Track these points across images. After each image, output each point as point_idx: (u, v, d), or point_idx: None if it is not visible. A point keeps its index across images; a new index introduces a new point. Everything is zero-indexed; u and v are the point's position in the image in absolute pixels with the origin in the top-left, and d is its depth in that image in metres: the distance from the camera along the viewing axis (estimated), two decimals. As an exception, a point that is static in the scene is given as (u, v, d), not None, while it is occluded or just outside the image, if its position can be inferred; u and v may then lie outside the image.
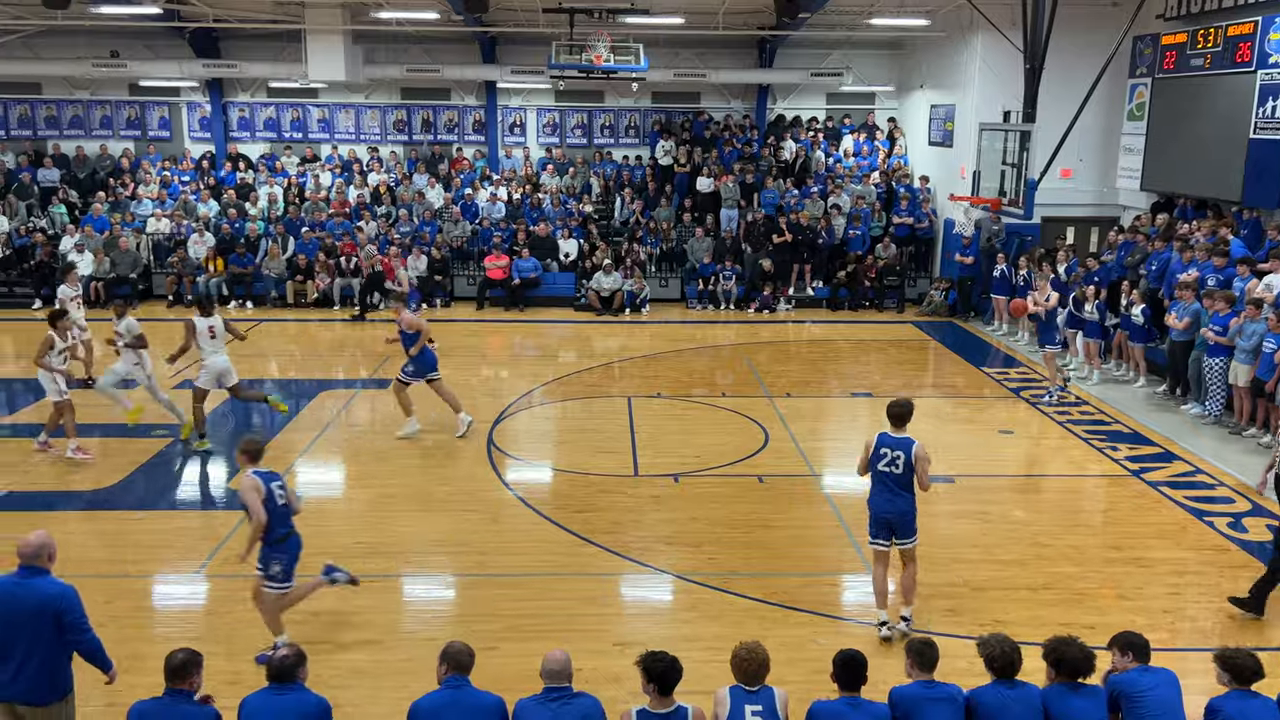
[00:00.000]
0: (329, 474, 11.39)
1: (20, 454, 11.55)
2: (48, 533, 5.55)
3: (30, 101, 23.48)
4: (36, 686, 5.29)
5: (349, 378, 15.37)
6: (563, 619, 8.00)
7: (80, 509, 9.93)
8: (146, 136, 23.75)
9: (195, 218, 21.31)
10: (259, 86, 23.59)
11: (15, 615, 5.23)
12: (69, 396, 11.64)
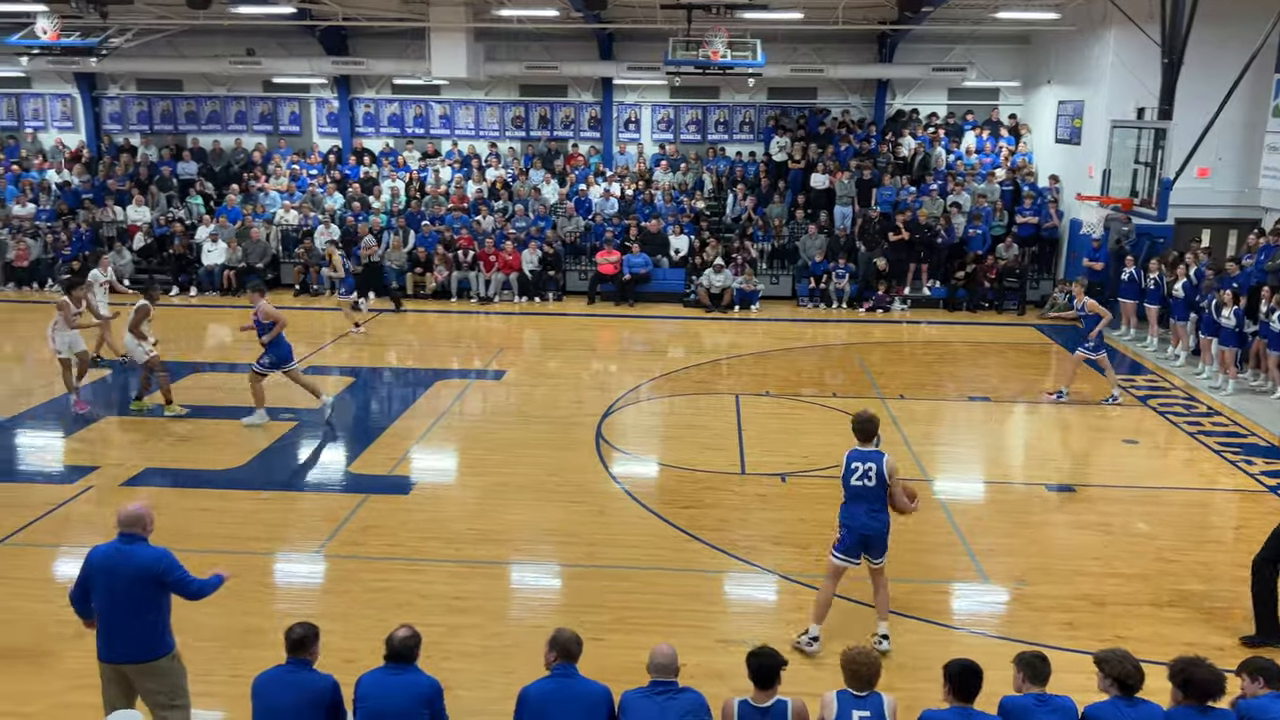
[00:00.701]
0: (443, 461, 11.68)
1: (157, 431, 12.19)
2: (146, 504, 5.83)
3: (172, 98, 24.73)
4: (140, 646, 5.60)
5: (464, 368, 15.71)
6: (668, 613, 8.03)
7: (211, 487, 10.40)
8: (278, 131, 24.74)
9: (321, 210, 22.12)
10: (384, 83, 24.32)
11: (119, 580, 5.54)
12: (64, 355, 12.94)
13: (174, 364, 15.47)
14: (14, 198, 22.66)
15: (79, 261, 20.97)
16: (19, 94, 24.97)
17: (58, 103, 24.99)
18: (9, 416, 12.82)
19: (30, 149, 24.63)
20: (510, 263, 20.77)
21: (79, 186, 23.09)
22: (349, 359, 16.19)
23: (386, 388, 14.98)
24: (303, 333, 17.96)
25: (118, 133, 24.94)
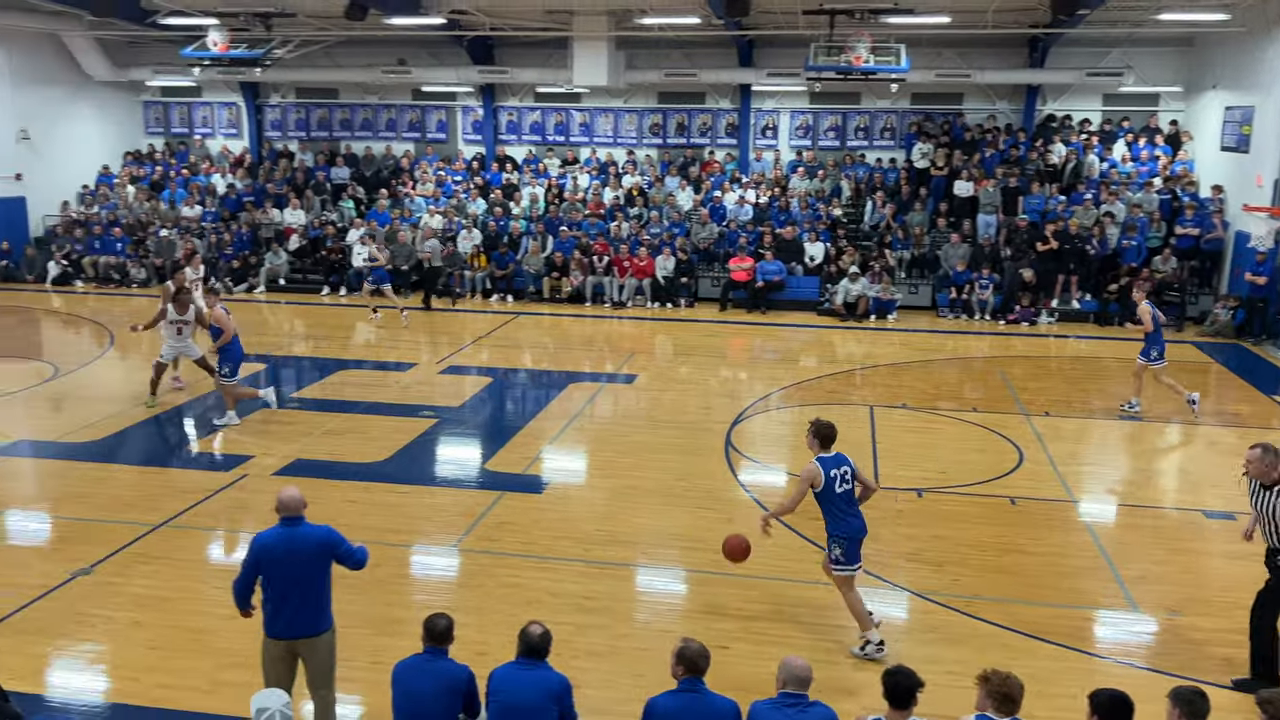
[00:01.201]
0: (575, 462, 11.85)
1: (308, 425, 12.78)
2: (297, 488, 6.12)
3: (328, 106, 25.92)
4: (312, 619, 5.89)
5: (596, 371, 15.91)
6: (795, 625, 7.93)
7: (356, 480, 10.83)
8: (425, 138, 25.63)
9: (465, 215, 22.79)
10: (527, 91, 24.89)
11: (294, 559, 5.80)
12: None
13: (323, 360, 16.24)
14: (183, 200, 24.17)
15: (239, 261, 22.21)
16: (190, 103, 26.62)
17: (224, 111, 26.53)
18: (173, 407, 13.64)
19: (198, 154, 26.24)
20: (644, 268, 20.94)
21: (241, 190, 24.46)
22: (487, 359, 16.61)
23: (521, 389, 15.27)
24: (444, 334, 18.58)
25: (277, 139, 26.31)
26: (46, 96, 23.88)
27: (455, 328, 19.05)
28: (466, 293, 21.46)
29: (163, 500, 10.18)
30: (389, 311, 19.24)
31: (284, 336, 18.40)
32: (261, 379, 14.93)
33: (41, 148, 23.92)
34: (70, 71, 24.32)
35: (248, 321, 19.29)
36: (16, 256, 22.75)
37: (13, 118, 23.11)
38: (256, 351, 16.66)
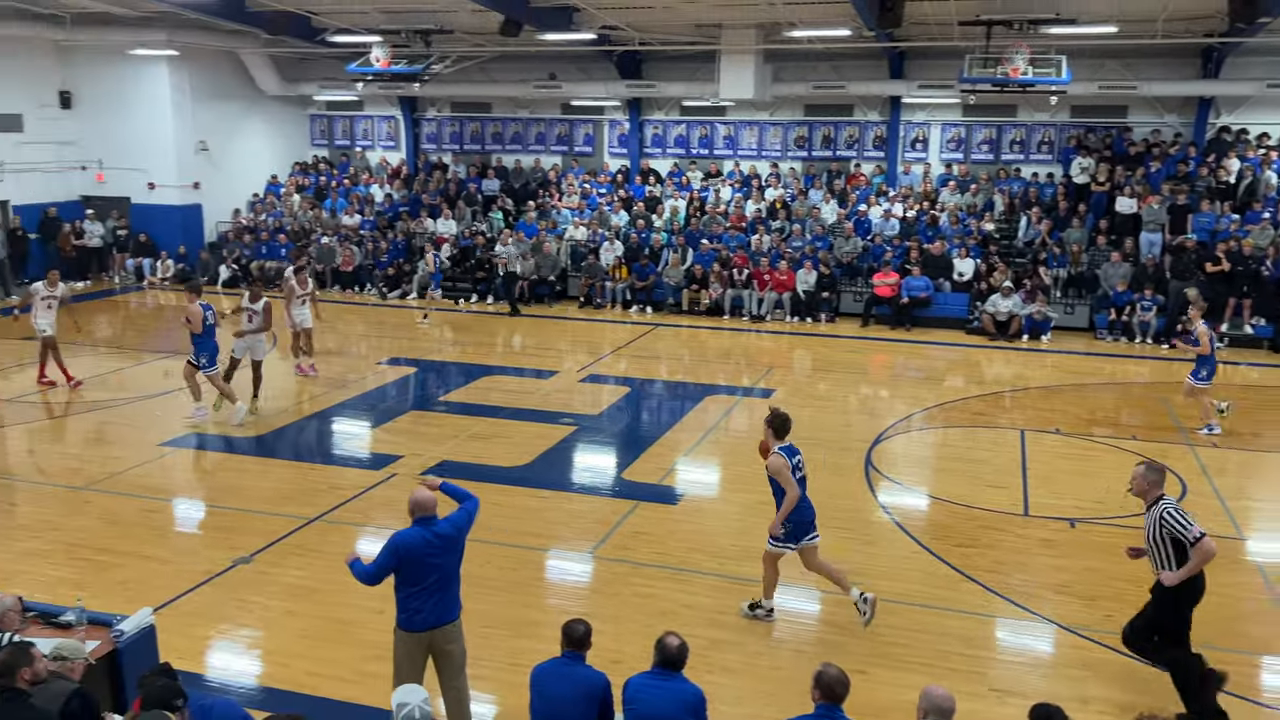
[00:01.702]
0: (710, 475, 11.82)
1: (455, 428, 13.16)
2: (426, 489, 6.32)
3: (481, 119, 26.73)
4: (450, 608, 6.14)
5: (732, 384, 15.84)
6: (935, 654, 7.68)
7: (498, 482, 11.08)
8: (572, 151, 26.12)
9: (608, 227, 23.10)
10: (673, 105, 25.06)
11: (438, 554, 6.02)
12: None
13: (469, 366, 16.71)
14: (343, 209, 25.33)
15: (393, 269, 23.08)
16: (352, 116, 27.91)
17: (384, 124, 27.70)
18: (329, 406, 14.26)
19: (359, 166, 27.46)
20: (784, 282, 20.75)
21: (398, 200, 25.46)
22: (625, 369, 16.76)
23: (658, 399, 15.34)
24: (584, 343, 18.85)
25: (432, 151, 27.29)
26: (223, 111, 25.44)
27: (595, 337, 19.30)
28: (607, 303, 21.73)
29: (317, 495, 10.66)
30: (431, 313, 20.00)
31: (433, 341, 19.02)
32: (411, 382, 15.50)
33: (218, 158, 25.50)
34: (245, 87, 25.84)
35: (400, 324, 20.15)
36: (192, 260, 24.28)
37: (193, 130, 24.72)
38: (407, 355, 17.31)
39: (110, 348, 17.76)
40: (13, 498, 10.84)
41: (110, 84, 24.00)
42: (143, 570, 8.84)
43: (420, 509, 6.10)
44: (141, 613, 6.34)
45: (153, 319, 18.32)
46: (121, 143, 24.30)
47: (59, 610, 6.30)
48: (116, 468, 11.51)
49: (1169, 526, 6.51)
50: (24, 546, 9.39)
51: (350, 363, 17.13)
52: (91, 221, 24.07)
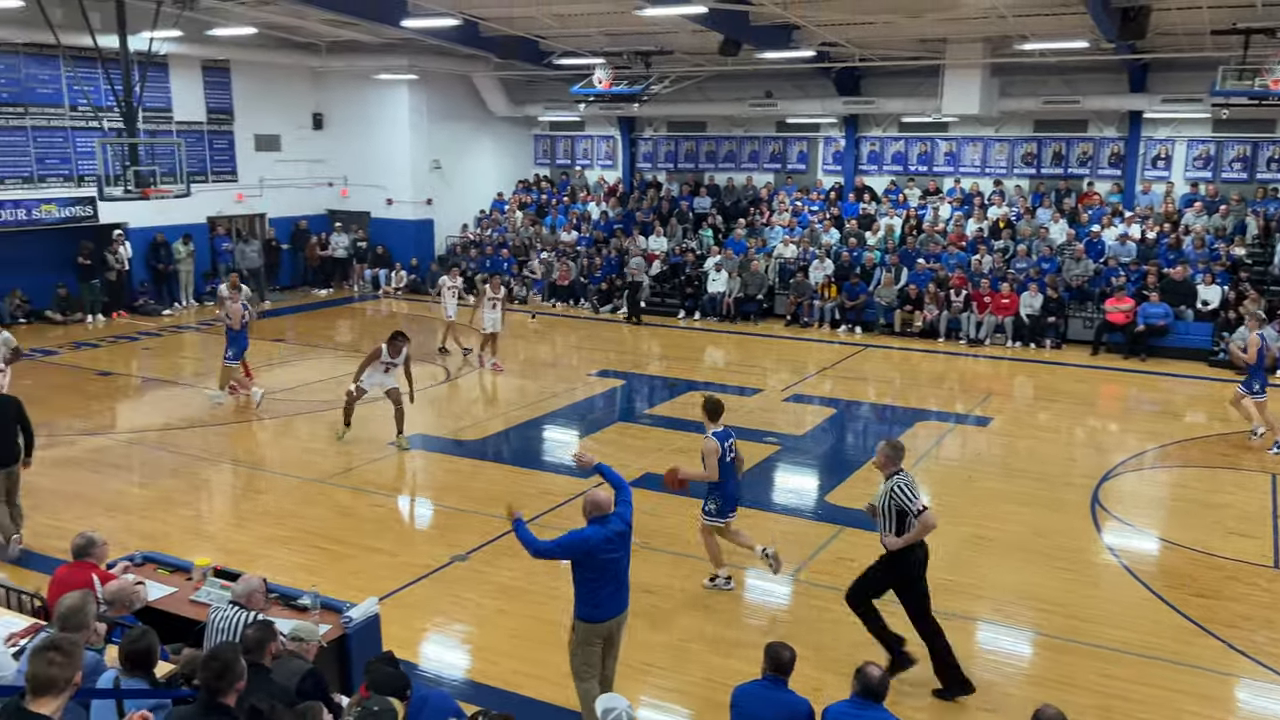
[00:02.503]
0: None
1: (658, 441, 13.36)
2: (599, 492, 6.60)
3: (695, 138, 27.08)
4: (627, 596, 6.59)
5: (945, 410, 15.27)
6: (1167, 711, 7.10)
7: (699, 497, 11.09)
8: (785, 169, 26.02)
9: (818, 245, 22.84)
10: (891, 121, 24.52)
11: (616, 548, 6.43)
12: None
13: (674, 380, 16.91)
14: (562, 225, 26.29)
15: (606, 284, 23.71)
16: (573, 136, 28.94)
17: (603, 143, 28.55)
18: (538, 415, 14.79)
19: (578, 184, 28.43)
20: (1006, 305, 19.83)
21: (613, 217, 26.17)
22: (831, 390, 16.49)
23: (864, 422, 15.03)
24: (789, 362, 18.70)
25: (647, 170, 27.89)
26: (455, 131, 26.99)
27: (801, 356, 19.11)
28: (814, 322, 21.47)
29: (528, 499, 11.06)
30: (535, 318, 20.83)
31: (641, 356, 19.39)
32: (618, 395, 15.85)
33: (449, 176, 27.06)
34: (476, 109, 27.32)
35: (611, 338, 20.66)
36: (423, 271, 25.85)
37: (428, 149, 26.37)
38: (616, 368, 17.71)
39: (347, 351, 19.14)
40: (258, 485, 11.87)
41: (356, 106, 25.99)
42: (370, 561, 9.46)
43: (597, 509, 6.45)
44: (368, 602, 6.78)
45: (385, 325, 19.63)
46: (364, 161, 26.25)
47: (297, 594, 6.83)
48: (349, 463, 12.38)
49: (897, 499, 7.22)
50: (267, 532, 10.25)
51: (561, 373, 17.70)
52: (337, 234, 26.09)
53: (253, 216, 25.49)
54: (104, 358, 18.33)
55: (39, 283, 21.05)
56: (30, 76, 20.40)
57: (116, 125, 19.63)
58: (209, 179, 23.83)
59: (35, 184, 20.65)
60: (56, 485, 11.52)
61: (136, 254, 22.26)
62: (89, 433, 13.79)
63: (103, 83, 19.68)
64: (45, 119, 20.74)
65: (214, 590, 6.64)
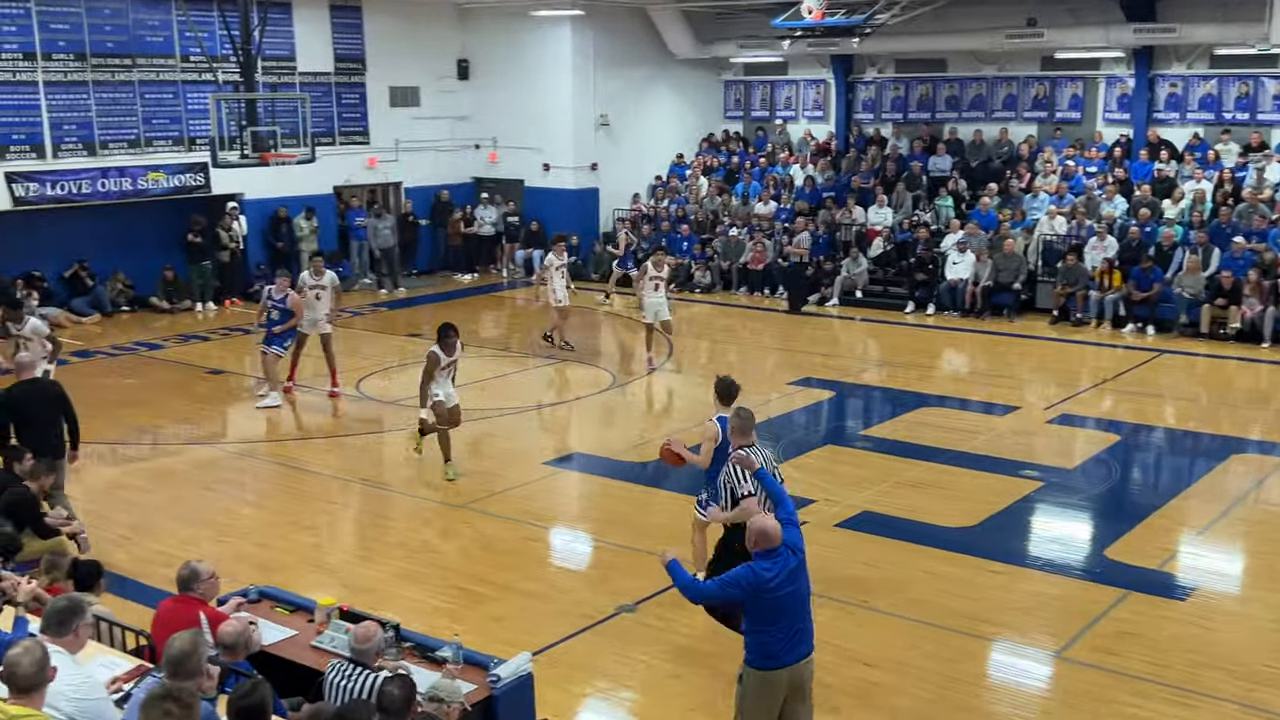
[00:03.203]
0: (1233, 565, 10.84)
1: (880, 471, 13.18)
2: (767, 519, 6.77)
3: (932, 80, 26.52)
4: (809, 636, 6.82)
5: (1272, 440, 14.42)
6: None
7: (935, 545, 10.93)
8: (1053, 118, 25.14)
9: (1098, 218, 21.96)
10: (1199, 55, 23.31)
11: (791, 581, 6.59)
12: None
13: (900, 393, 16.63)
14: (757, 194, 26.27)
15: (812, 268, 23.55)
16: (774, 81, 28.87)
17: (811, 90, 28.38)
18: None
19: (778, 141, 28.36)
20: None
21: (821, 184, 25.95)
22: (1112, 409, 15.88)
23: (1158, 453, 14.53)
24: (1055, 371, 18.09)
25: (868, 122, 27.53)
26: (628, 78, 27.42)
27: (1071, 364, 18.48)
28: (1090, 319, 20.66)
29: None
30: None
31: (855, 360, 19.15)
32: (825, 410, 15.77)
33: (618, 134, 27.52)
34: (654, 50, 27.66)
35: (816, 338, 20.52)
36: (584, 252, 26.37)
37: (594, 102, 26.88)
38: (821, 376, 17.59)
39: (495, 349, 19.76)
40: (388, 510, 12.40)
41: (509, 51, 26.79)
42: (518, 607, 9.72)
43: (765, 539, 6.58)
44: (520, 658, 6.96)
45: (540, 318, 20.15)
46: (517, 118, 26.98)
47: (436, 644, 7.08)
48: (496, 486, 12.77)
49: (732, 477, 8.48)
50: (399, 567, 10.68)
51: (753, 382, 17.60)
52: (483, 206, 26.94)
53: (386, 186, 26.68)
54: (214, 353, 19.60)
55: (143, 265, 22.66)
56: (138, 23, 22.03)
57: (233, 78, 20.96)
58: (336, 141, 25.11)
59: (142, 148, 22.27)
60: (161, 502, 12.38)
61: (252, 230, 23.68)
62: (197, 441, 14.77)
63: (218, 28, 21.05)
64: (154, 72, 22.34)
65: (339, 635, 6.96)
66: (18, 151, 20.65)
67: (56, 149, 21.11)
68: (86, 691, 5.37)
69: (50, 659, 5.01)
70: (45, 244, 21.24)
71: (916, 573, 10.29)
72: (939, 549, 10.85)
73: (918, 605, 9.66)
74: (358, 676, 6.21)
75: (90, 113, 21.56)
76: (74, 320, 21.19)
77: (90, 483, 12.93)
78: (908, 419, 15.32)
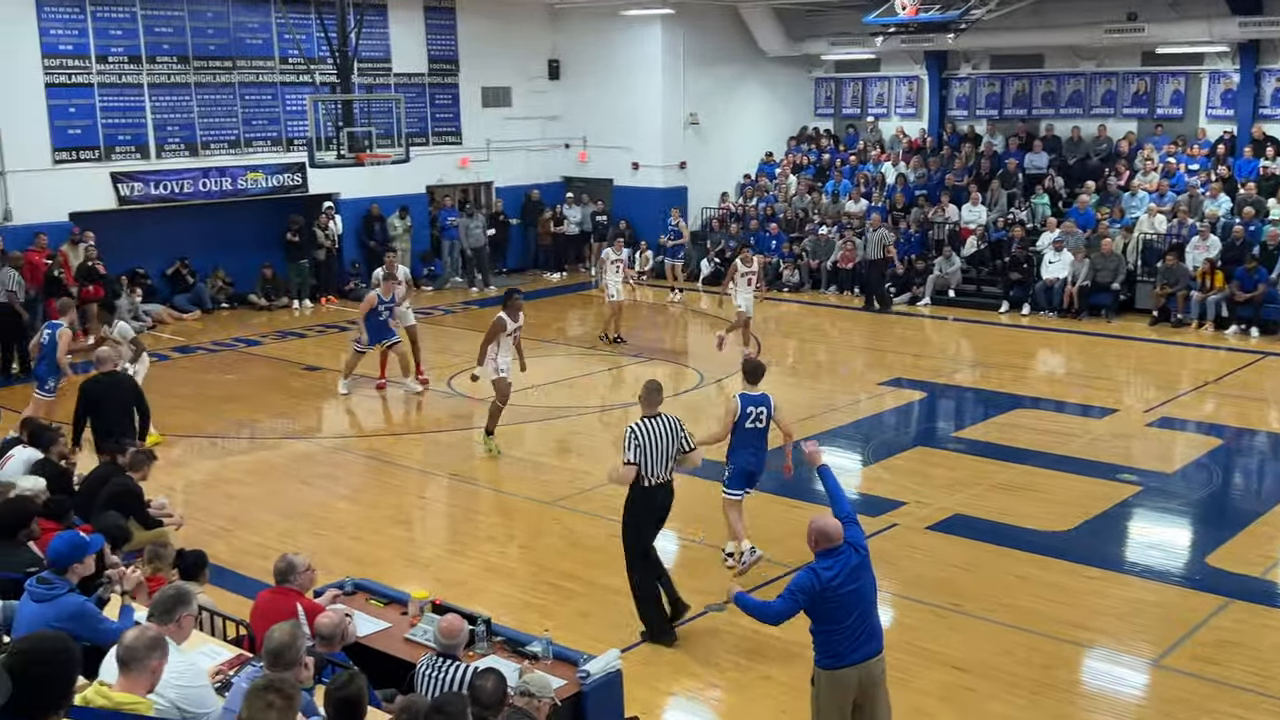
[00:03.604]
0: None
1: (973, 473, 13.02)
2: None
3: (1029, 76, 26.08)
4: (877, 633, 6.79)
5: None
6: None
7: (1028, 550, 10.78)
8: (1154, 114, 24.58)
9: (1200, 216, 21.43)
10: (1307, 48, 22.66)
11: (854, 579, 6.63)
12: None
13: (993, 394, 16.40)
14: (848, 192, 26.07)
15: (902, 266, 23.32)
16: (865, 78, 28.62)
17: (903, 86, 28.09)
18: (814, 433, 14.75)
19: (869, 139, 28.11)
20: None
21: (912, 181, 25.68)
22: (1214, 413, 15.54)
23: (1261, 459, 14.22)
24: (1155, 374, 17.73)
25: (962, 119, 27.16)
26: (717, 76, 27.40)
27: (1171, 366, 18.10)
28: (1192, 320, 20.18)
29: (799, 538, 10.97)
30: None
31: (947, 360, 18.94)
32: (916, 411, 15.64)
33: (707, 133, 27.51)
34: (744, 48, 27.60)
35: (906, 337, 20.32)
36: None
37: (683, 101, 26.91)
38: (912, 376, 17.41)
39: (582, 348, 19.87)
40: (478, 505, 12.56)
41: (599, 50, 26.95)
42: (606, 604, 9.76)
43: (826, 539, 6.63)
44: (609, 655, 7.01)
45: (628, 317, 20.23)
46: (606, 117, 27.14)
47: (526, 639, 7.16)
48: (584, 484, 12.84)
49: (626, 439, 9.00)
50: (489, 561, 10.82)
51: (842, 381, 17.62)
52: (570, 206, 27.12)
53: (478, 185, 27.00)
54: (310, 349, 20.02)
55: (243, 263, 23.25)
56: (239, 26, 22.58)
57: (329, 79, 21.36)
58: (429, 141, 25.48)
59: (241, 149, 22.81)
60: (258, 495, 12.68)
61: (347, 229, 24.13)
62: (293, 435, 15.09)
63: (315, 30, 21.48)
64: (254, 73, 22.87)
65: (431, 628, 7.07)
66: (123, 152, 21.29)
67: (160, 150, 21.71)
68: (190, 679, 5.50)
69: (164, 644, 5.15)
70: (148, 242, 21.86)
71: (1009, 577, 10.17)
72: (1032, 553, 10.70)
73: (1010, 610, 9.53)
74: (449, 669, 6.30)
75: (192, 114, 22.13)
76: (176, 316, 21.91)
77: (191, 475, 13.35)
78: (1001, 420, 15.13)
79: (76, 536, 6.64)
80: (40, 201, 19.89)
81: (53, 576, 6.26)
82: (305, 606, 6.91)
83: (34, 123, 20.09)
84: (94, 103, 20.83)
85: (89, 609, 6.25)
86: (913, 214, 24.53)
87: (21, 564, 6.88)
